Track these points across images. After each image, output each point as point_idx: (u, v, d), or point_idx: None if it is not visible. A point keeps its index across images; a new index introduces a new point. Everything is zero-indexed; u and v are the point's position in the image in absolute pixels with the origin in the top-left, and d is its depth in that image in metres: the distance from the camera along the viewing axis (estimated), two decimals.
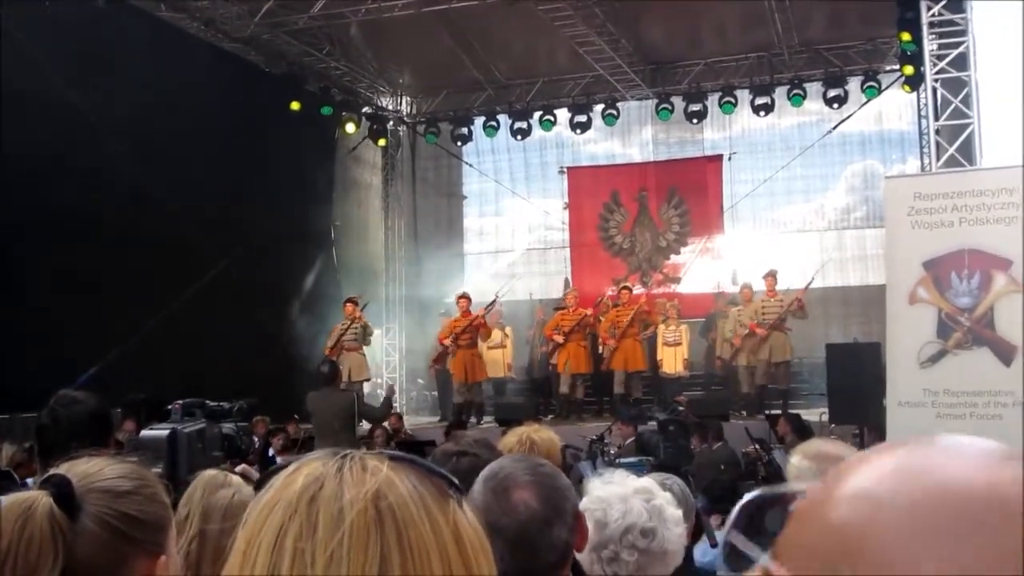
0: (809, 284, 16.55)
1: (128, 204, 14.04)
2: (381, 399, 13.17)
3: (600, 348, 17.30)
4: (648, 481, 2.84)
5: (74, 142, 13.24)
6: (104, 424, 3.85)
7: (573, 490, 2.37)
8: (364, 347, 16.81)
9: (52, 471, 1.65)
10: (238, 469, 3.65)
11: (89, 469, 1.68)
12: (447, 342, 16.93)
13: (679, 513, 2.80)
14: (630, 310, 16.69)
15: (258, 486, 1.07)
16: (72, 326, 12.84)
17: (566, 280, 20.19)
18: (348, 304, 16.89)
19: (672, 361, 17.13)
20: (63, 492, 1.59)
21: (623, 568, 2.65)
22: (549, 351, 17.55)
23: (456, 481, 1.07)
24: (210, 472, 3.05)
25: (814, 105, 19.18)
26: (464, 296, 17.38)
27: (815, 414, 13.97)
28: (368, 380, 17.04)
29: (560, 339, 16.80)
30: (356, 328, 16.51)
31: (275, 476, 1.04)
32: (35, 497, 1.58)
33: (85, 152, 13.41)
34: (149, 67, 14.19)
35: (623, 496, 2.71)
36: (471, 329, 16.76)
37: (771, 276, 16.40)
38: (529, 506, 2.21)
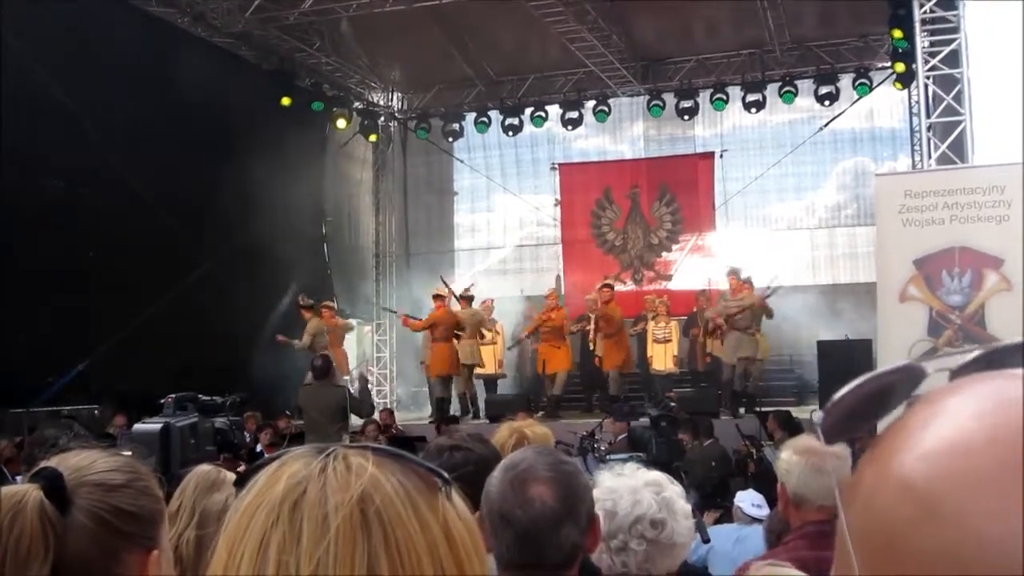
0: (769, 295, 15.76)
1: (117, 199, 14.01)
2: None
3: (591, 345, 17.28)
4: (658, 474, 2.83)
5: (62, 137, 13.19)
6: None
7: (591, 491, 2.35)
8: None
9: (43, 464, 1.62)
10: (239, 470, 3.63)
11: (81, 462, 1.64)
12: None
13: (688, 507, 2.80)
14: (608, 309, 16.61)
15: (239, 483, 1.02)
16: (61, 322, 12.81)
17: (557, 277, 20.19)
18: (324, 310, 16.99)
19: (662, 358, 17.12)
20: (54, 486, 1.55)
21: (631, 558, 2.64)
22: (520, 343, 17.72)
23: (444, 474, 1.03)
24: (204, 468, 3.02)
25: (805, 102, 19.21)
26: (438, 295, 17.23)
27: (806, 411, 13.97)
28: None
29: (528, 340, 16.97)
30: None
31: (256, 475, 1.00)
32: (25, 491, 1.54)
33: (73, 147, 13.37)
34: (138, 62, 14.15)
35: (633, 487, 2.71)
36: (447, 325, 16.79)
37: (732, 275, 16.15)
38: (544, 502, 2.19)
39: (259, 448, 12.41)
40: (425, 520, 0.97)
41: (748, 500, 6.51)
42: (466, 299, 17.20)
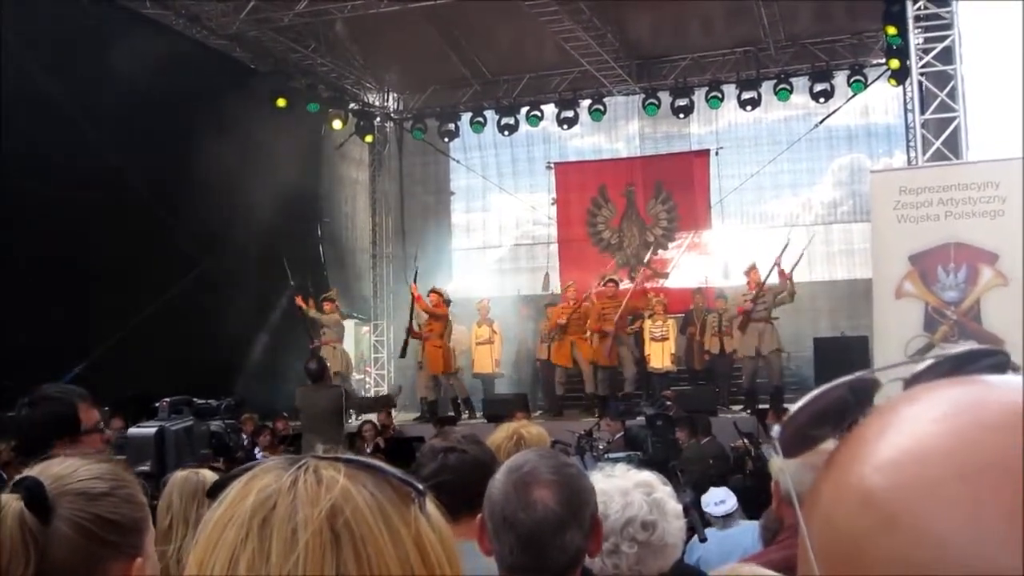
0: (797, 263, 15.67)
1: (112, 201, 14.00)
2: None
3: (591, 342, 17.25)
4: (649, 475, 2.83)
5: (58, 140, 13.19)
6: (70, 423, 3.76)
7: (595, 494, 2.34)
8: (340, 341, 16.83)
9: (25, 472, 1.61)
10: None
11: (63, 471, 1.63)
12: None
13: (679, 507, 2.79)
14: (614, 304, 16.61)
15: (211, 494, 1.02)
16: (58, 323, 12.80)
17: (546, 275, 20.17)
18: (325, 303, 17.00)
19: (659, 356, 17.10)
20: (35, 495, 1.54)
21: (623, 561, 2.64)
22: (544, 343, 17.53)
23: (419, 485, 1.03)
24: (181, 475, 3.01)
25: (800, 99, 19.20)
26: (434, 291, 17.29)
27: None
28: (341, 373, 16.92)
29: (562, 320, 16.83)
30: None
31: (228, 487, 1.00)
32: (6, 501, 1.54)
33: (71, 150, 13.38)
34: (133, 65, 14.13)
35: (624, 489, 2.70)
36: (438, 319, 16.80)
37: (754, 269, 16.00)
38: (547, 506, 2.18)
39: (257, 451, 12.43)
40: (396, 532, 0.97)
41: (711, 500, 6.45)
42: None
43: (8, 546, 1.50)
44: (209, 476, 2.98)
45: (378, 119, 21.85)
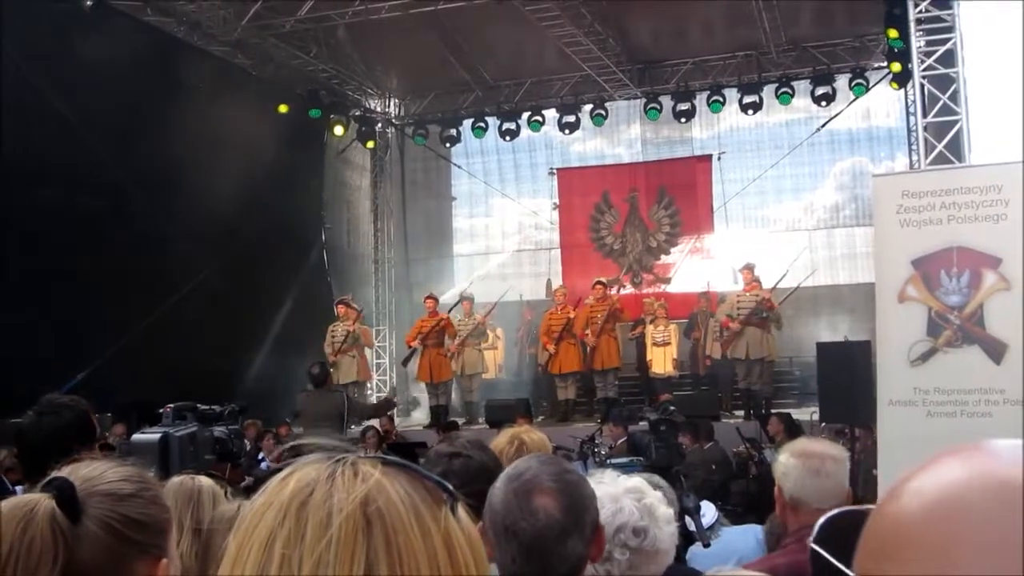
0: (776, 284, 15.91)
1: (115, 207, 14.02)
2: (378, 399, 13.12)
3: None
4: (638, 480, 2.81)
5: (59, 146, 13.18)
6: (86, 430, 3.80)
7: (596, 500, 2.32)
8: (355, 350, 16.75)
9: (54, 474, 1.65)
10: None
11: (91, 472, 1.68)
12: (415, 343, 17.09)
13: (670, 512, 2.78)
14: (603, 307, 16.57)
15: (255, 490, 1.06)
16: (60, 330, 12.80)
17: (548, 281, 20.19)
18: (340, 306, 16.94)
19: (662, 361, 17.09)
20: (65, 495, 1.59)
21: (615, 567, 2.62)
22: (537, 352, 17.54)
23: (450, 487, 1.06)
24: (177, 479, 3.01)
25: (802, 103, 19.20)
26: (431, 297, 17.42)
27: (806, 413, 13.95)
28: (357, 382, 16.92)
29: (552, 348, 16.74)
30: (344, 331, 16.53)
31: (270, 480, 1.04)
32: (37, 500, 1.59)
33: (71, 155, 13.37)
34: (134, 71, 14.14)
35: (614, 495, 2.68)
36: (438, 330, 16.87)
37: (747, 269, 15.96)
38: (549, 514, 2.17)
39: (261, 456, 12.41)
40: (427, 528, 1.00)
41: None
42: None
43: (38, 543, 1.55)
44: (206, 482, 2.98)
45: (380, 125, 21.86)
